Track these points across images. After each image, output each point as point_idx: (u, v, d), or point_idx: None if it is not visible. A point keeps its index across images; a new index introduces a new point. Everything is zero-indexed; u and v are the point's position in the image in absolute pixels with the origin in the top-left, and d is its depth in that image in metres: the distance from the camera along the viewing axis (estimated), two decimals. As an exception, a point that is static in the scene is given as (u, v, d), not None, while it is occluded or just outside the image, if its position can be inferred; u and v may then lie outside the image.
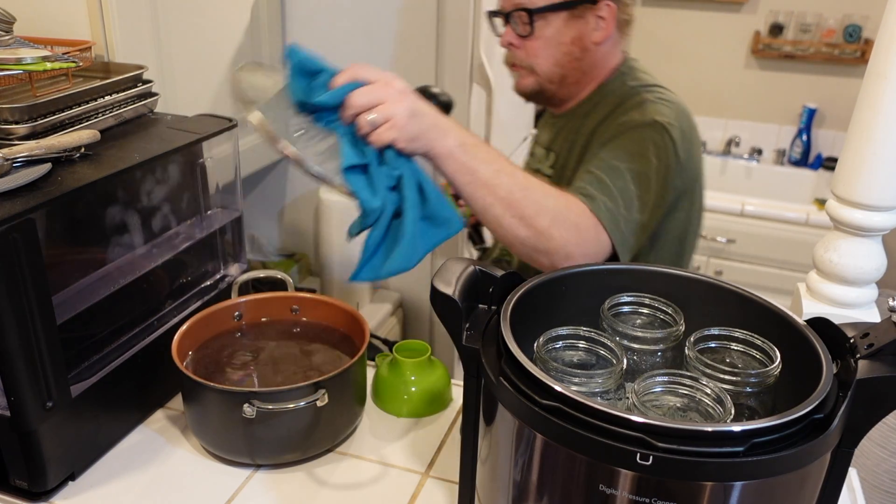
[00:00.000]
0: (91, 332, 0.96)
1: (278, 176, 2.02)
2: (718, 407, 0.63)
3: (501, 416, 0.64)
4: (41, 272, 0.83)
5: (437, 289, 0.68)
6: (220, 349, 1.07)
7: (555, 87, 1.38)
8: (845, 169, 1.02)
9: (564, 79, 1.37)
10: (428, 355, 1.08)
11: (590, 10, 1.31)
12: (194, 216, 1.14)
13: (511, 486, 0.66)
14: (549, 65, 1.35)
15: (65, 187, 0.86)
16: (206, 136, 1.07)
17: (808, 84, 3.25)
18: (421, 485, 0.95)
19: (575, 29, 1.32)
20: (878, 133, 0.97)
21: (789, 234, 2.96)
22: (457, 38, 1.72)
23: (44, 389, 0.86)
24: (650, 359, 0.74)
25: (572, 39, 1.32)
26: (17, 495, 0.91)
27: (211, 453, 0.99)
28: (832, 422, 0.58)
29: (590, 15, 1.31)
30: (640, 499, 0.57)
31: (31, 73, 0.98)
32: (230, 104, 1.67)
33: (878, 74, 0.95)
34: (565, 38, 1.32)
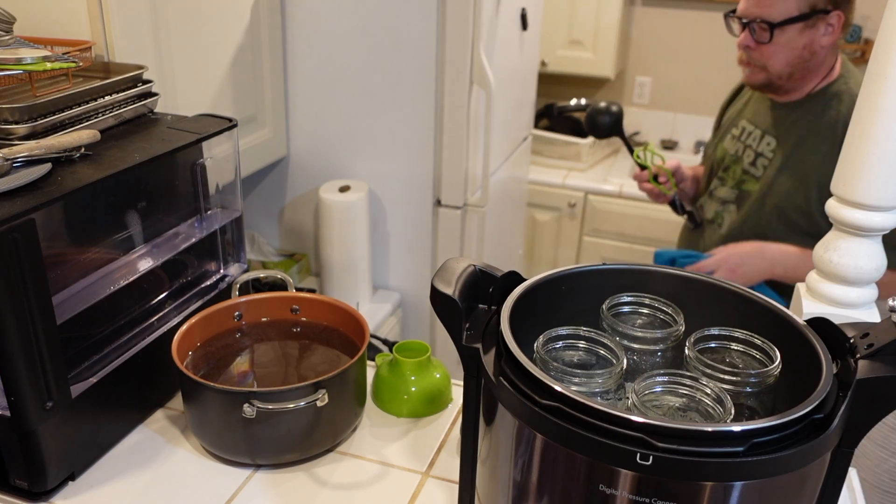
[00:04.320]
0: (91, 332, 0.96)
1: (278, 176, 2.02)
2: (718, 407, 0.63)
3: (501, 416, 0.64)
4: (41, 272, 0.83)
5: (437, 289, 0.68)
6: (220, 349, 1.07)
7: (783, 82, 1.60)
8: (845, 169, 1.02)
9: (792, 76, 1.59)
10: (428, 355, 1.08)
11: (822, 19, 1.52)
12: (194, 216, 1.14)
13: (511, 486, 0.66)
14: (781, 66, 1.57)
15: (65, 187, 0.86)
16: (206, 136, 1.07)
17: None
18: (421, 485, 0.95)
19: (807, 36, 1.53)
20: (878, 133, 0.97)
21: (789, 234, 2.96)
22: (457, 38, 1.72)
23: (44, 389, 0.86)
24: (650, 359, 0.74)
25: (804, 45, 1.54)
26: (17, 495, 0.91)
27: (211, 453, 0.99)
28: (832, 422, 0.58)
29: (821, 23, 1.52)
30: (640, 499, 0.57)
31: (31, 73, 0.98)
32: (230, 104, 1.67)
33: (878, 74, 0.95)
34: (798, 44, 1.54)
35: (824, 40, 1.54)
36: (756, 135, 1.70)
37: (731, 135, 1.80)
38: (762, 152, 1.67)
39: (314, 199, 1.97)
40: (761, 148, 1.68)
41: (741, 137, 1.75)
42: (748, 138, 1.73)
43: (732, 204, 1.76)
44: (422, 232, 1.96)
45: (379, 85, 1.82)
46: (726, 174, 1.78)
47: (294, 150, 1.97)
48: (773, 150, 1.65)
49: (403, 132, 1.84)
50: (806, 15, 1.51)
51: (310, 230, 2.06)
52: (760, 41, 1.57)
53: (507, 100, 2.08)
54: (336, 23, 1.79)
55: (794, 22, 1.52)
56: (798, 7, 1.52)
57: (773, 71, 1.59)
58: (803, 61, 1.57)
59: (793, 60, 1.57)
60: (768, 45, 1.55)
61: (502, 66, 1.96)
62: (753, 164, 1.70)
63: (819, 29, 1.53)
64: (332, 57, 1.84)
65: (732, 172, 1.76)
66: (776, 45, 1.55)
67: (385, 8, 1.75)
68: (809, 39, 1.54)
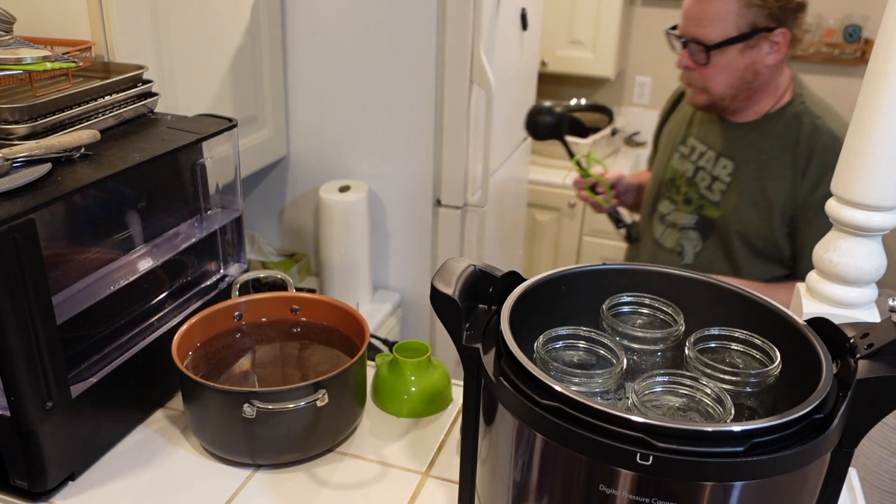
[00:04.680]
0: (91, 332, 0.96)
1: (278, 176, 2.02)
2: (718, 407, 0.63)
3: (501, 416, 0.64)
4: (41, 272, 0.83)
5: (437, 289, 0.68)
6: (220, 349, 1.07)
7: (727, 103, 1.51)
8: (845, 169, 1.02)
9: (736, 97, 1.49)
10: (428, 355, 1.08)
11: (764, 38, 1.41)
12: (194, 216, 1.14)
13: (511, 486, 0.66)
14: (722, 88, 1.47)
15: (65, 187, 0.86)
16: (206, 136, 1.07)
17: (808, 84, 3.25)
18: (421, 485, 0.95)
19: (749, 57, 1.43)
20: (878, 133, 0.97)
21: (789, 234, 2.96)
22: (457, 38, 1.72)
23: (44, 389, 0.86)
24: (650, 359, 0.74)
25: (745, 66, 1.44)
26: (17, 495, 0.91)
27: (211, 453, 0.99)
28: (832, 422, 0.58)
29: (764, 43, 1.42)
30: (640, 499, 0.57)
31: (31, 73, 0.98)
32: (230, 104, 1.67)
33: (878, 74, 0.95)
34: (739, 65, 1.43)
35: (769, 59, 1.44)
36: (710, 156, 1.59)
37: (680, 153, 1.68)
38: (718, 176, 1.56)
39: (314, 199, 1.97)
40: (717, 171, 1.57)
41: (691, 157, 1.64)
42: (700, 159, 1.62)
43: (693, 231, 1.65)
44: (422, 232, 1.96)
45: (379, 85, 1.82)
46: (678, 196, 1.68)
47: (294, 150, 1.97)
48: (731, 174, 1.55)
49: (403, 132, 1.84)
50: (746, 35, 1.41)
51: (310, 230, 2.06)
52: (698, 62, 1.47)
53: (507, 100, 2.08)
54: (336, 23, 1.79)
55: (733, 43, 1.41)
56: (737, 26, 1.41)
57: (714, 93, 1.50)
58: (746, 83, 1.47)
59: (734, 82, 1.47)
60: (707, 66, 1.46)
61: (502, 66, 1.96)
62: (710, 188, 1.60)
63: (762, 48, 1.43)
64: (332, 57, 1.84)
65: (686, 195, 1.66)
66: (715, 66, 1.45)
67: (385, 8, 1.75)
68: (751, 60, 1.44)
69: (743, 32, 1.40)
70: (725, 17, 1.39)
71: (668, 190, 1.69)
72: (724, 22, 1.40)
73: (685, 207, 1.64)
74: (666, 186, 1.70)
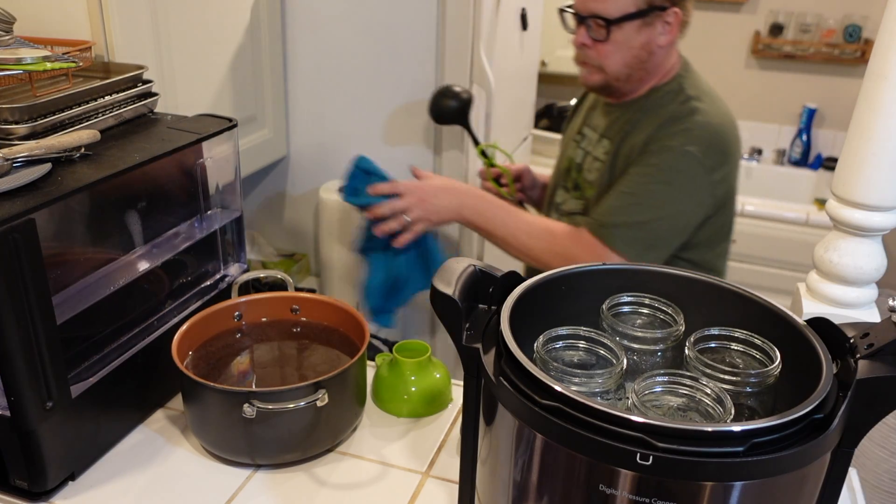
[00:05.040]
0: (91, 332, 0.96)
1: (278, 176, 2.02)
2: (718, 407, 0.63)
3: (501, 416, 0.64)
4: (41, 272, 0.83)
5: (437, 289, 0.68)
6: (220, 349, 1.07)
7: (620, 84, 1.48)
8: (845, 169, 1.02)
9: (630, 77, 1.47)
10: (428, 355, 1.08)
11: (659, 16, 1.41)
12: (194, 216, 1.14)
13: (511, 486, 0.66)
14: (618, 66, 1.45)
15: (65, 187, 0.86)
16: (206, 136, 1.07)
17: (808, 84, 3.25)
18: (421, 485, 0.95)
19: (645, 35, 1.42)
20: (878, 133, 0.97)
21: (789, 234, 2.96)
22: (457, 38, 1.72)
23: (44, 389, 0.86)
24: (650, 359, 0.74)
25: (641, 44, 1.43)
26: (17, 495, 0.91)
27: (211, 453, 0.99)
28: (832, 422, 0.58)
29: (658, 21, 1.42)
30: (640, 499, 0.57)
31: (31, 73, 0.98)
32: (230, 104, 1.67)
33: (878, 74, 0.95)
34: (635, 42, 1.42)
35: (661, 39, 1.43)
36: (594, 139, 1.58)
37: (575, 142, 1.66)
38: (598, 157, 1.55)
39: (314, 199, 1.97)
40: (598, 152, 1.55)
41: (582, 144, 1.63)
42: (588, 144, 1.60)
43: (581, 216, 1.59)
44: (422, 232, 1.95)
45: (379, 85, 1.82)
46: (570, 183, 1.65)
47: (294, 150, 1.97)
48: (608, 152, 1.52)
49: (404, 132, 1.84)
50: (643, 11, 1.40)
51: (310, 230, 2.06)
52: (597, 39, 1.44)
53: (507, 100, 2.07)
54: (336, 23, 1.79)
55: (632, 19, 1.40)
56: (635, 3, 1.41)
57: (610, 72, 1.46)
58: (641, 62, 1.45)
59: (630, 61, 1.44)
60: (605, 43, 1.43)
61: (502, 66, 1.96)
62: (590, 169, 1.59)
63: (656, 27, 1.42)
64: (332, 57, 1.84)
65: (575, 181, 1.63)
66: (613, 43, 1.43)
67: (385, 8, 1.75)
68: (647, 38, 1.42)
69: (641, 9, 1.40)
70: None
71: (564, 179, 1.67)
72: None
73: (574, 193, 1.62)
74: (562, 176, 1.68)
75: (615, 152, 1.48)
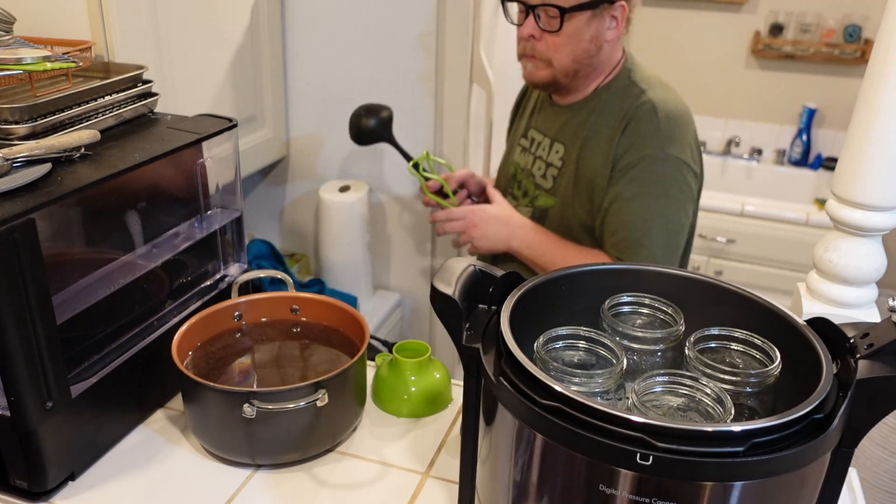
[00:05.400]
0: (91, 332, 0.96)
1: (278, 176, 2.02)
2: (718, 407, 0.63)
3: (501, 416, 0.64)
4: (41, 272, 0.83)
5: (437, 289, 0.68)
6: (220, 349, 1.07)
7: (567, 80, 1.44)
8: (845, 169, 1.02)
9: (577, 73, 1.43)
10: (428, 355, 1.08)
11: (607, 9, 1.38)
12: (194, 216, 1.14)
13: (511, 486, 0.66)
14: (567, 60, 1.41)
15: (65, 187, 0.86)
16: (206, 136, 1.07)
17: (808, 84, 3.25)
18: (421, 485, 0.95)
19: (594, 27, 1.38)
20: (878, 133, 0.97)
21: (789, 234, 2.96)
22: (457, 38, 1.72)
23: (44, 389, 0.86)
24: (650, 359, 0.74)
25: (591, 37, 1.39)
26: (17, 495, 0.91)
27: (211, 453, 0.99)
28: (832, 422, 0.58)
29: (606, 14, 1.39)
30: (640, 499, 0.57)
31: (31, 73, 0.98)
32: (230, 104, 1.67)
33: (878, 74, 0.95)
34: (585, 35, 1.38)
35: (609, 34, 1.40)
36: (545, 144, 1.53)
37: (521, 147, 1.61)
38: (552, 162, 1.50)
39: (314, 199, 1.97)
40: (551, 157, 1.51)
41: (531, 149, 1.57)
42: (538, 148, 1.55)
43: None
44: (422, 232, 1.96)
45: (379, 85, 1.82)
46: (518, 190, 1.60)
47: (294, 150, 1.97)
48: (562, 157, 1.48)
49: (403, 132, 1.85)
50: (594, 2, 1.36)
51: (310, 230, 2.06)
52: (548, 30, 1.38)
53: (507, 100, 2.07)
54: (336, 23, 1.79)
55: (584, 9, 1.35)
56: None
57: (558, 66, 1.41)
58: (589, 56, 1.40)
59: (580, 54, 1.40)
60: (556, 35, 1.37)
61: (502, 66, 1.96)
62: (544, 175, 1.53)
63: (605, 21, 1.39)
64: (332, 57, 1.84)
65: (524, 188, 1.58)
66: (564, 35, 1.37)
67: (385, 8, 1.75)
68: (596, 31, 1.38)
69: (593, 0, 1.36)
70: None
71: (511, 186, 1.62)
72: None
73: (523, 200, 1.58)
74: (508, 182, 1.63)
75: (577, 159, 1.45)
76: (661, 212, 1.38)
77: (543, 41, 1.40)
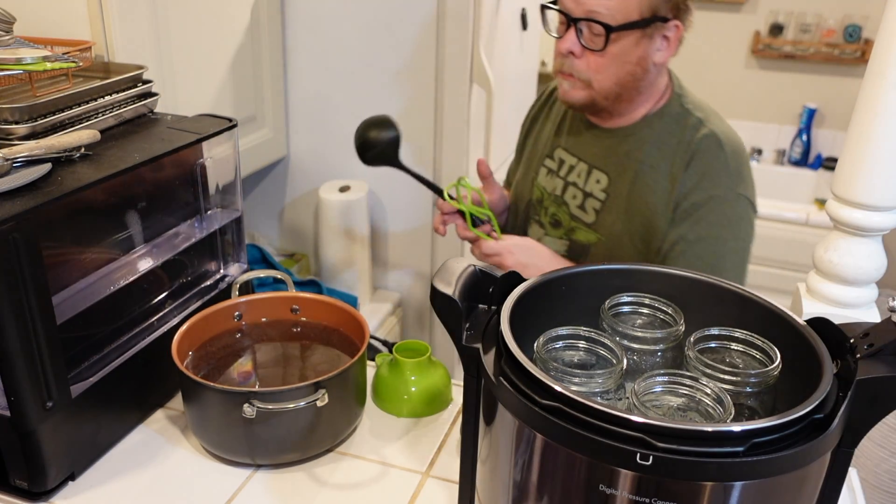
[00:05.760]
0: (91, 332, 0.96)
1: (278, 176, 2.02)
2: (718, 407, 0.63)
3: (501, 416, 0.64)
4: (41, 272, 0.83)
5: (437, 289, 0.68)
6: (220, 349, 1.07)
7: (607, 104, 1.29)
8: (845, 169, 1.02)
9: (619, 97, 1.28)
10: (428, 355, 1.08)
11: (659, 29, 1.23)
12: (194, 216, 1.14)
13: (511, 486, 0.66)
14: (609, 82, 1.25)
15: (65, 187, 0.86)
16: (206, 136, 1.07)
17: (808, 84, 3.25)
18: (421, 485, 0.95)
19: (642, 48, 1.23)
20: (878, 133, 0.97)
21: (789, 234, 2.96)
22: (457, 38, 1.72)
23: (44, 389, 0.86)
24: (650, 359, 0.74)
25: (638, 59, 1.24)
26: (17, 495, 0.91)
27: (211, 453, 0.99)
28: (832, 422, 0.58)
29: (657, 34, 1.24)
30: (640, 499, 0.57)
31: (31, 73, 0.98)
32: (230, 104, 1.67)
33: (878, 74, 0.95)
34: (632, 56, 1.23)
35: (658, 56, 1.25)
36: (581, 170, 1.36)
37: (547, 168, 1.42)
38: (591, 192, 1.34)
39: (314, 199, 1.97)
40: (590, 187, 1.34)
41: (561, 172, 1.39)
42: (570, 173, 1.37)
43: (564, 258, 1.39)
44: (422, 232, 1.96)
45: (379, 85, 1.82)
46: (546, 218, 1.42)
47: (294, 150, 1.97)
48: (606, 189, 1.32)
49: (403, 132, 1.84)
50: (647, 21, 1.20)
51: (310, 230, 2.06)
52: (590, 47, 1.21)
53: (507, 100, 2.07)
54: (336, 23, 1.79)
55: (633, 28, 1.20)
56: (639, 9, 1.19)
57: (598, 88, 1.25)
58: (634, 79, 1.25)
59: (623, 77, 1.24)
60: (599, 55, 1.21)
61: (502, 66, 1.96)
62: (582, 207, 1.36)
63: (655, 41, 1.23)
64: (332, 57, 1.84)
65: (554, 217, 1.41)
66: (608, 55, 1.21)
67: (385, 8, 1.75)
68: (644, 53, 1.23)
69: (645, 17, 1.19)
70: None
71: (536, 212, 1.44)
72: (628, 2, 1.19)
73: (554, 231, 1.41)
74: (533, 208, 1.45)
75: (627, 194, 1.30)
76: (730, 256, 1.25)
77: (584, 59, 1.24)
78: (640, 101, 1.30)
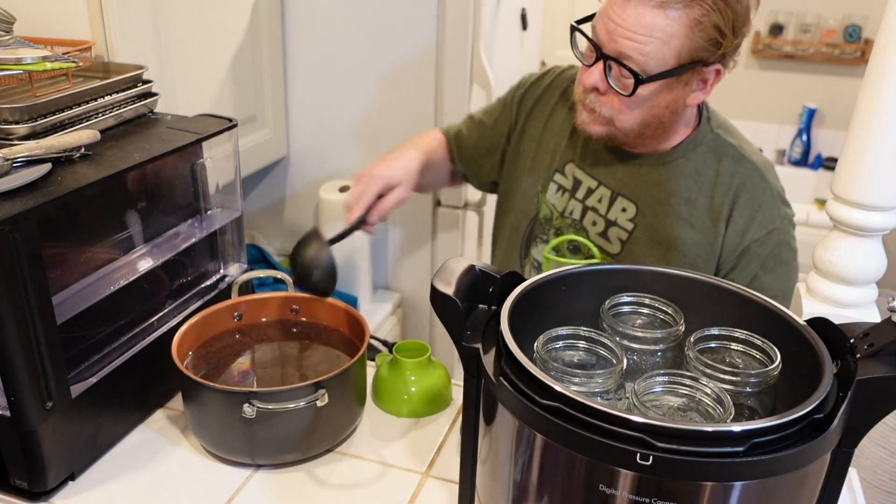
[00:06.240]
0: (91, 332, 0.96)
1: (278, 176, 2.02)
2: (718, 407, 0.63)
3: (501, 416, 0.64)
4: (41, 272, 0.83)
5: (437, 289, 0.68)
6: (220, 349, 1.07)
7: (630, 140, 1.18)
8: (845, 169, 1.02)
9: (642, 135, 1.17)
10: (428, 355, 1.08)
11: (698, 73, 1.10)
12: (194, 216, 1.14)
13: (511, 486, 0.66)
14: (633, 124, 1.14)
15: (65, 187, 0.86)
16: (206, 136, 1.07)
17: (808, 84, 3.25)
18: (421, 485, 0.95)
19: (673, 93, 1.11)
20: (878, 133, 0.97)
21: (789, 234, 2.96)
22: (457, 38, 1.72)
23: (44, 389, 0.86)
24: (650, 359, 0.74)
25: (667, 104, 1.12)
26: (17, 495, 0.91)
27: (211, 453, 0.99)
28: (832, 422, 0.58)
29: (695, 78, 1.11)
30: (640, 499, 0.57)
31: (31, 73, 0.98)
32: (230, 104, 1.67)
33: (878, 74, 0.95)
34: (660, 102, 1.12)
35: (692, 98, 1.12)
36: (602, 195, 1.24)
37: (558, 185, 1.29)
38: (616, 221, 1.22)
39: (314, 198, 1.96)
40: (614, 215, 1.23)
41: (577, 194, 1.26)
42: (589, 197, 1.25)
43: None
44: (422, 232, 1.96)
45: (379, 85, 1.82)
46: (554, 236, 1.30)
47: (294, 150, 1.97)
48: (633, 219, 1.21)
49: (403, 132, 1.84)
50: (684, 67, 1.07)
51: (310, 230, 2.06)
52: (617, 90, 1.09)
53: (507, 100, 2.07)
54: (336, 23, 1.79)
55: (668, 76, 1.07)
56: (677, 55, 1.05)
57: (620, 127, 1.14)
58: (660, 121, 1.14)
59: (649, 120, 1.13)
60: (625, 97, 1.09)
61: (502, 66, 1.96)
62: (604, 236, 1.24)
63: (691, 85, 1.11)
64: (332, 57, 1.84)
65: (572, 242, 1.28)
66: (637, 98, 1.09)
67: (385, 8, 1.75)
68: (675, 97, 1.11)
69: (682, 64, 1.06)
70: (668, 40, 1.04)
71: (543, 231, 1.32)
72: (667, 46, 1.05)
73: (571, 257, 1.28)
74: (540, 226, 1.33)
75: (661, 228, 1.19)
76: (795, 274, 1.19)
77: (609, 97, 1.12)
78: (669, 134, 1.20)
